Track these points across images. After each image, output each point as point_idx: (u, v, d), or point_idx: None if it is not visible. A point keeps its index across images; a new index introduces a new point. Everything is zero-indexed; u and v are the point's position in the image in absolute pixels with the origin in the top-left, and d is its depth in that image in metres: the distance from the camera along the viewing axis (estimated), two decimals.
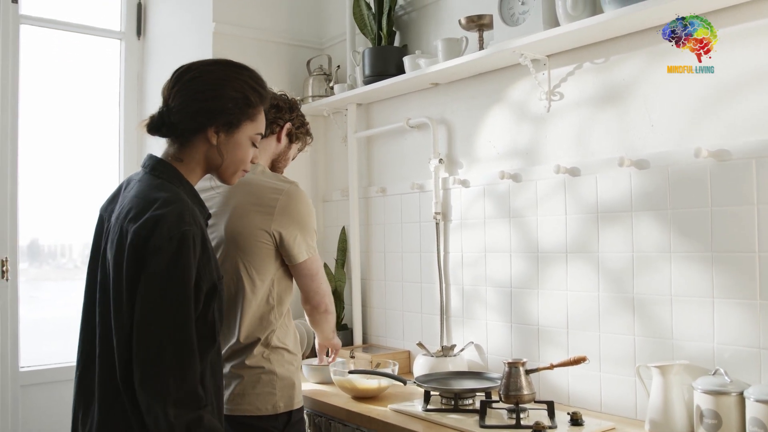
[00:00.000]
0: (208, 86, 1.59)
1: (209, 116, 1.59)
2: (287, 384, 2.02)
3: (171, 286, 1.42)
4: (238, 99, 1.61)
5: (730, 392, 1.78)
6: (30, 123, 3.24)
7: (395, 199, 3.03)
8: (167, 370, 1.39)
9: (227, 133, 1.62)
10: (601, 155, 2.23)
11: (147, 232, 1.43)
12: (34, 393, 3.14)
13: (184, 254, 1.43)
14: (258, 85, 1.67)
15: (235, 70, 1.65)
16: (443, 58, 2.60)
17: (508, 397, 2.07)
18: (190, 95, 1.58)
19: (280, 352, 2.03)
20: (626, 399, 2.13)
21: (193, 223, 1.48)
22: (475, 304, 2.65)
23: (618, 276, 2.16)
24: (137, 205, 1.51)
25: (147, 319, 1.41)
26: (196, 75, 1.60)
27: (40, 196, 3.32)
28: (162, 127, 1.60)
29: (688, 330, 1.99)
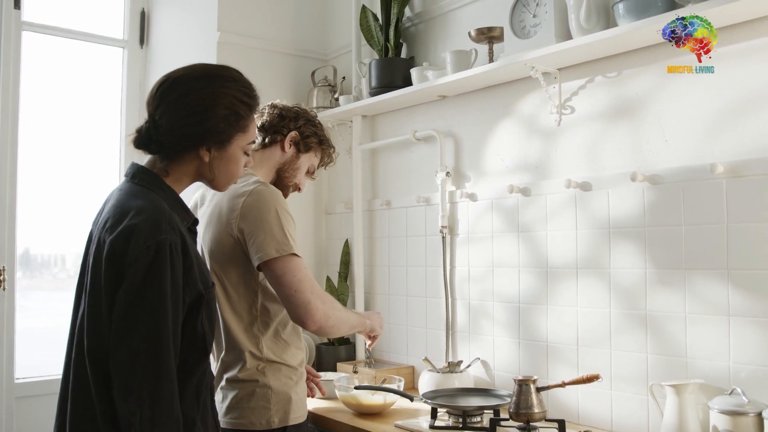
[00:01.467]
0: (197, 106, 1.52)
1: (200, 138, 1.54)
2: (283, 399, 1.95)
3: (147, 299, 1.37)
4: (228, 116, 1.55)
5: (748, 412, 1.75)
6: (30, 130, 3.20)
7: (400, 212, 3.00)
8: (143, 385, 1.35)
9: (219, 150, 1.57)
10: (613, 170, 2.20)
11: (122, 244, 1.39)
12: (29, 405, 3.08)
13: (161, 264, 1.39)
14: (247, 96, 1.60)
15: (222, 83, 1.57)
16: (452, 71, 2.58)
17: (519, 415, 2.03)
18: (178, 117, 1.51)
19: (276, 366, 1.96)
20: (638, 418, 2.09)
21: (171, 230, 1.43)
22: (481, 319, 2.61)
23: (630, 292, 2.13)
24: (114, 214, 1.47)
25: (123, 333, 1.37)
26: (182, 93, 1.52)
27: (35, 205, 3.27)
28: (150, 144, 1.54)
29: (703, 348, 1.95)
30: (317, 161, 2.25)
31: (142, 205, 1.46)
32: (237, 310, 1.94)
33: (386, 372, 2.71)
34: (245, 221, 1.89)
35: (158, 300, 1.38)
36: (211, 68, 1.62)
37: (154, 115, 1.53)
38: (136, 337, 1.36)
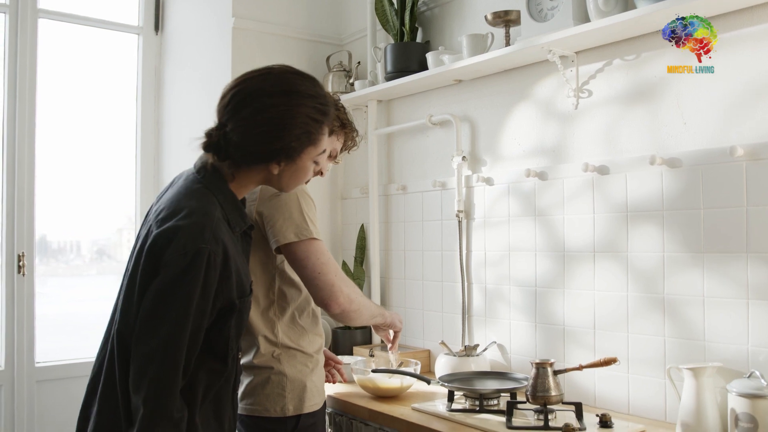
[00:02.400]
0: (270, 126, 1.50)
1: (271, 156, 1.54)
2: (298, 386, 1.95)
3: (173, 303, 1.39)
4: (302, 135, 1.54)
5: (767, 395, 1.75)
6: (47, 118, 3.23)
7: (416, 196, 3.00)
8: (151, 385, 1.37)
9: (288, 163, 1.58)
10: (631, 153, 2.19)
11: (164, 242, 1.41)
12: (50, 388, 3.12)
13: (194, 272, 1.39)
14: (321, 114, 1.57)
15: (298, 100, 1.53)
16: (468, 54, 2.57)
17: (536, 398, 2.03)
18: (250, 135, 1.50)
19: (292, 353, 1.96)
20: (655, 401, 2.10)
21: (213, 240, 1.43)
22: (498, 303, 2.62)
23: (648, 276, 2.13)
24: (168, 207, 1.49)
25: (145, 330, 1.40)
26: (256, 110, 1.50)
27: (52, 192, 3.30)
28: (220, 153, 1.53)
29: (721, 332, 1.95)
30: (340, 145, 2.19)
31: (194, 207, 1.46)
32: (254, 294, 1.93)
33: (403, 356, 2.72)
34: (264, 205, 1.90)
35: (184, 307, 1.39)
36: (287, 81, 1.55)
37: (225, 126, 1.52)
38: (155, 339, 1.38)
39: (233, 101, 1.52)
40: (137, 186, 3.52)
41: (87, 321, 3.40)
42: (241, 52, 3.17)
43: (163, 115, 3.53)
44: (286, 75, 1.57)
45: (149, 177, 3.52)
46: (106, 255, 3.63)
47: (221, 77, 3.19)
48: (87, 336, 3.36)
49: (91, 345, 3.08)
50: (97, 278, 3.60)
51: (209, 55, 3.33)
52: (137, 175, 3.52)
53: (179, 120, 3.45)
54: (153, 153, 3.54)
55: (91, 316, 3.48)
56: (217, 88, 2.96)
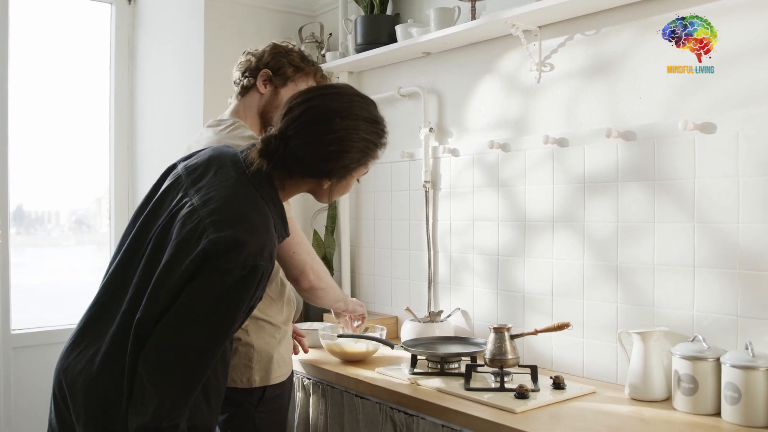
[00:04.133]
0: (335, 146, 1.56)
1: (328, 173, 1.60)
2: (264, 358, 1.97)
3: (220, 312, 1.41)
4: (361, 158, 1.61)
5: (707, 358, 1.84)
6: (20, 88, 3.23)
7: (385, 167, 3.06)
8: (179, 379, 1.40)
9: (339, 180, 1.64)
10: (589, 126, 2.26)
11: (224, 249, 1.41)
12: (26, 355, 3.17)
13: (247, 286, 1.43)
14: (380, 138, 1.66)
15: (364, 125, 1.60)
16: (435, 28, 2.62)
17: (493, 362, 2.12)
18: (314, 152, 1.56)
19: (260, 324, 1.99)
20: (608, 364, 2.19)
21: (269, 258, 1.47)
22: (462, 271, 2.70)
23: (603, 245, 2.21)
24: (225, 209, 1.48)
25: (182, 327, 1.41)
26: (325, 131, 1.55)
27: (27, 161, 3.31)
28: (277, 164, 1.56)
29: (670, 298, 2.04)
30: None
31: (258, 223, 1.48)
32: None
33: (370, 322, 2.80)
34: None
35: (229, 318, 1.43)
36: (356, 106, 1.61)
37: (288, 139, 1.55)
38: (191, 340, 1.40)
39: (304, 117, 1.56)
40: (111, 157, 3.53)
41: (66, 291, 3.45)
42: (213, 24, 3.19)
43: (137, 86, 3.55)
44: (354, 98, 1.63)
45: (123, 148, 3.54)
46: (85, 225, 3.66)
47: (194, 48, 3.21)
48: (64, 305, 3.42)
49: (69, 314, 3.17)
50: (76, 248, 3.63)
51: (182, 25, 3.34)
52: (111, 146, 3.54)
53: (153, 91, 3.47)
54: (127, 123, 3.56)
55: (71, 286, 3.54)
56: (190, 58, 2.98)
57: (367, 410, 2.22)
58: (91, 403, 1.48)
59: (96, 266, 3.55)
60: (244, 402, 1.97)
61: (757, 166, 1.85)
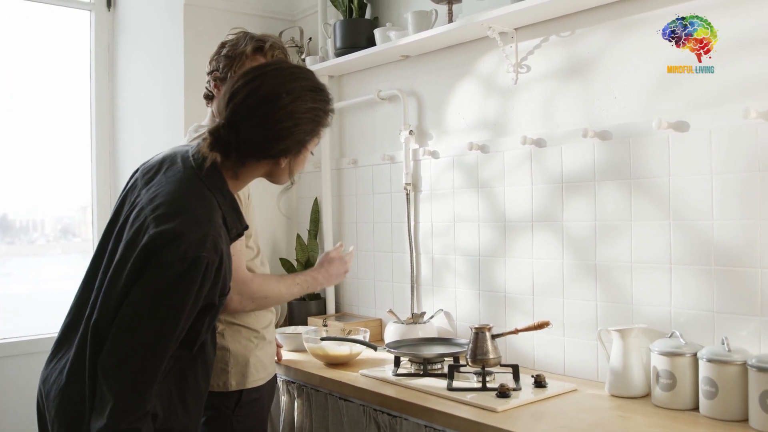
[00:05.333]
0: (285, 123, 1.54)
1: (284, 151, 1.58)
2: (241, 362, 1.97)
3: (164, 306, 1.40)
4: (312, 130, 1.60)
5: (685, 353, 1.87)
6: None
7: (367, 170, 3.07)
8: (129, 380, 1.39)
9: (296, 155, 1.63)
10: (566, 127, 2.28)
11: (164, 243, 1.40)
12: (9, 364, 3.15)
13: (190, 279, 1.40)
14: (327, 104, 1.64)
15: (310, 95, 1.58)
16: (413, 31, 2.63)
17: (475, 361, 2.14)
18: (266, 133, 1.54)
19: (236, 328, 1.98)
20: (588, 362, 2.21)
21: (213, 250, 1.44)
22: (444, 272, 2.71)
23: (581, 244, 2.24)
24: (169, 204, 1.48)
25: (129, 325, 1.40)
26: (273, 109, 1.53)
27: (10, 170, 3.30)
28: (229, 152, 1.55)
29: (647, 295, 2.07)
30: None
31: (198, 213, 1.46)
32: None
33: (354, 324, 2.81)
34: None
35: (175, 310, 1.40)
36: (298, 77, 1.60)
37: (238, 125, 1.54)
38: (140, 334, 1.39)
39: (249, 100, 1.54)
40: (93, 164, 3.52)
41: (51, 299, 3.43)
42: (193, 29, 3.19)
43: (118, 93, 3.54)
44: (294, 71, 1.61)
45: (105, 154, 3.54)
46: (71, 233, 3.64)
47: (174, 54, 3.21)
48: (50, 313, 3.39)
49: (54, 321, 3.14)
50: (61, 257, 3.60)
51: (162, 31, 3.34)
52: (93, 153, 3.53)
53: (134, 97, 3.47)
54: (108, 130, 3.55)
55: (56, 295, 3.51)
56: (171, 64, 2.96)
57: (351, 412, 2.24)
58: (62, 411, 1.49)
59: (81, 275, 3.52)
60: (221, 405, 1.96)
61: (729, 164, 1.88)
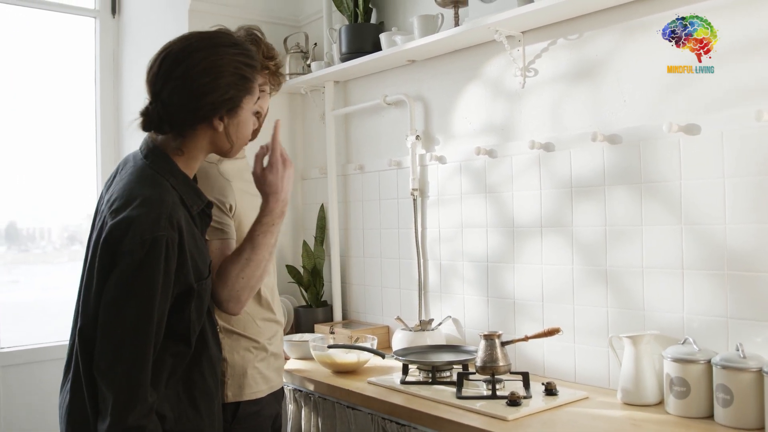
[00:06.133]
0: (205, 78, 1.52)
1: (212, 109, 1.54)
2: (238, 372, 1.90)
3: (136, 292, 1.40)
4: (237, 82, 1.56)
5: (698, 360, 1.83)
6: (4, 104, 3.21)
7: (373, 176, 3.05)
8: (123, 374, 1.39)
9: (231, 116, 1.59)
10: (574, 131, 2.26)
11: (120, 233, 1.42)
12: (15, 373, 3.14)
13: (154, 260, 1.41)
14: (249, 58, 1.61)
15: (225, 49, 1.56)
16: (419, 35, 2.61)
17: (484, 369, 2.11)
18: (187, 91, 1.52)
19: (234, 337, 1.92)
20: (599, 369, 2.18)
21: (169, 227, 1.44)
22: (452, 278, 2.69)
23: (591, 249, 2.21)
24: (121, 197, 1.49)
25: (110, 320, 1.41)
26: (187, 67, 1.51)
27: (17, 178, 3.29)
28: (161, 125, 1.54)
29: (659, 301, 2.03)
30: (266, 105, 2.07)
31: (148, 196, 1.47)
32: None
33: (361, 332, 2.79)
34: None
35: (148, 295, 1.40)
36: (208, 36, 1.59)
37: (160, 94, 1.53)
38: (122, 328, 1.39)
39: (163, 66, 1.53)
40: (98, 172, 3.51)
41: (58, 307, 3.42)
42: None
43: (123, 100, 3.53)
44: (206, 32, 1.61)
45: (110, 163, 3.52)
46: (78, 241, 3.63)
47: None
48: (55, 321, 3.39)
49: (59, 329, 3.14)
50: (68, 265, 3.59)
51: (167, 38, 3.26)
52: (98, 161, 3.52)
53: (139, 104, 3.40)
54: (113, 138, 3.54)
55: (62, 303, 3.50)
56: None
57: (359, 421, 2.21)
58: (70, 427, 1.49)
59: None
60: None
61: (742, 167, 1.85)
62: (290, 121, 3.50)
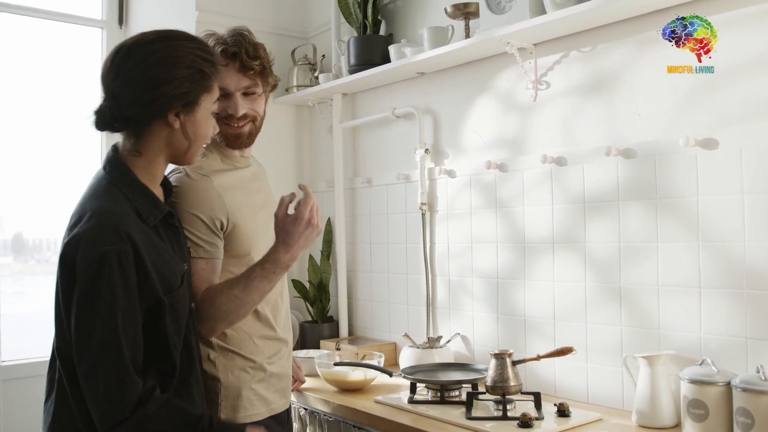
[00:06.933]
0: (158, 68, 1.45)
1: (166, 102, 1.47)
2: (233, 394, 1.80)
3: (98, 312, 1.34)
4: (193, 75, 1.49)
5: (717, 382, 1.77)
6: (7, 114, 3.19)
7: (381, 189, 3.00)
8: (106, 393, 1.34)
9: (188, 113, 1.52)
10: (587, 144, 2.21)
11: (73, 251, 1.38)
12: (16, 387, 3.10)
13: (108, 275, 1.35)
14: (207, 53, 1.54)
15: (180, 42, 1.50)
16: (429, 47, 2.57)
17: (495, 389, 2.05)
18: (140, 84, 1.45)
19: (230, 356, 1.81)
20: (613, 390, 2.12)
21: (117, 239, 1.37)
22: (461, 295, 2.63)
23: (605, 266, 2.15)
24: (76, 213, 1.46)
25: (81, 342, 1.36)
26: (141, 58, 1.46)
27: (24, 189, 3.27)
28: (114, 122, 1.48)
29: (675, 320, 1.97)
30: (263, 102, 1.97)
31: (96, 208, 1.42)
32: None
33: (368, 348, 2.73)
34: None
35: (110, 313, 1.35)
36: (164, 30, 1.54)
37: (113, 89, 1.47)
38: (91, 350, 1.35)
39: (115, 61, 1.48)
40: None
41: None
42: None
43: None
44: (162, 28, 1.55)
45: None
46: None
47: None
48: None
49: None
50: None
51: None
52: None
53: None
54: None
55: None
56: None
57: None
58: None
59: None
60: None
61: (761, 182, 1.79)
62: (297, 134, 3.47)
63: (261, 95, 1.92)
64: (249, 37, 1.89)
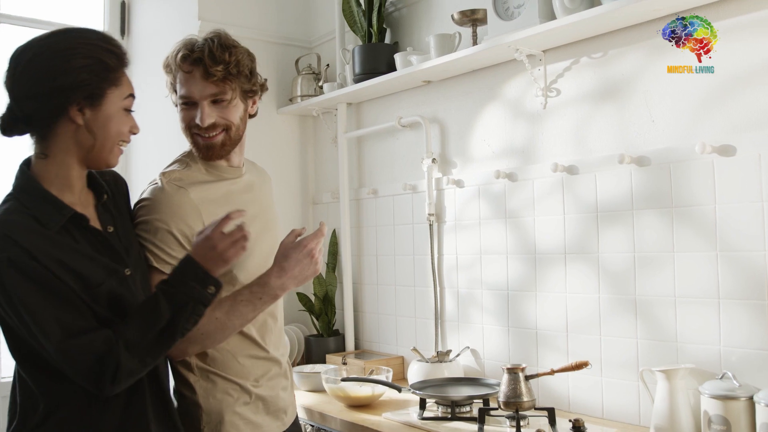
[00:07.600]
0: (54, 60, 1.38)
1: (65, 94, 1.39)
2: (214, 419, 1.66)
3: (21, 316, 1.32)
4: (93, 66, 1.40)
5: (740, 397, 1.71)
6: None
7: (387, 200, 2.95)
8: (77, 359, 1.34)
9: (92, 108, 1.43)
10: (600, 152, 2.16)
11: None
12: None
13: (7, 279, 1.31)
14: (111, 45, 1.45)
15: (80, 34, 1.44)
16: (435, 55, 2.53)
17: (508, 404, 1.99)
18: (36, 77, 1.39)
19: (211, 378, 1.68)
20: (629, 404, 2.06)
21: (9, 245, 1.32)
22: (470, 307, 2.57)
23: (619, 277, 2.09)
24: None
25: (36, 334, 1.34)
26: (36, 52, 1.40)
27: None
28: (17, 124, 1.43)
29: (693, 332, 1.91)
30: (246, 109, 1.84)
31: None
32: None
33: (375, 363, 2.67)
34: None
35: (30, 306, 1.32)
36: (65, 27, 1.49)
37: (11, 88, 1.42)
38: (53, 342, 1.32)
39: (12, 60, 1.43)
40: None
41: None
42: None
43: None
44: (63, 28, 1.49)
45: None
46: None
47: None
48: None
49: None
50: None
51: None
52: None
53: (148, 125, 3.37)
54: (122, 158, 3.46)
55: None
56: None
57: None
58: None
59: None
60: None
61: None
62: (302, 144, 3.42)
63: (233, 102, 1.74)
64: (222, 41, 1.72)
